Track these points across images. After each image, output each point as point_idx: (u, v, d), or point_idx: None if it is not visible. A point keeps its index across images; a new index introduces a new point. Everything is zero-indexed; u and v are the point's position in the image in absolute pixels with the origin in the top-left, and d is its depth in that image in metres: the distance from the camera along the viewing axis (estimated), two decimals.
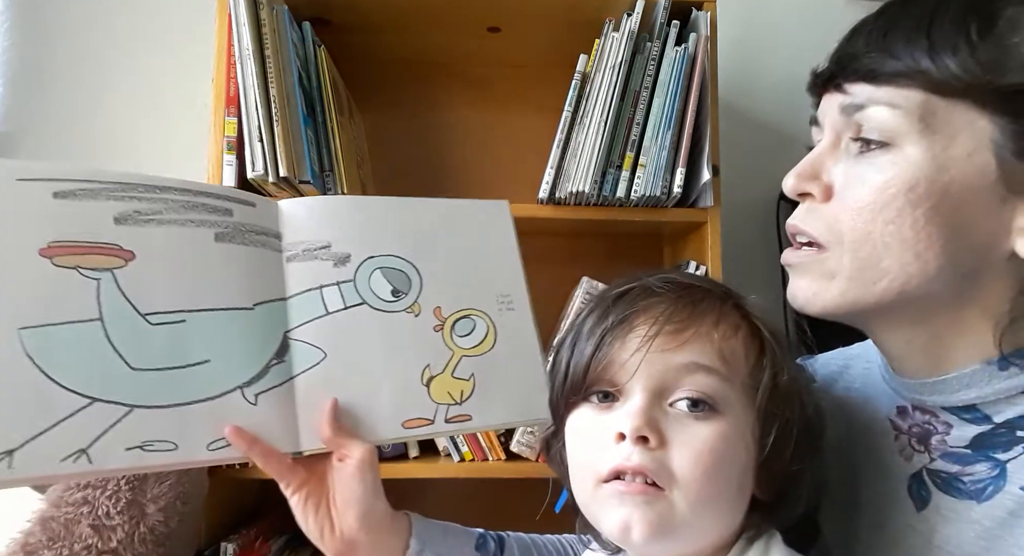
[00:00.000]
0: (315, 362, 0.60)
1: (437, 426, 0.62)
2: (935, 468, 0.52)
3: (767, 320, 0.52)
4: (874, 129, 0.47)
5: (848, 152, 0.50)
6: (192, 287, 0.58)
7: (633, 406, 0.48)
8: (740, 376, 0.49)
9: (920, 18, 0.46)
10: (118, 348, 0.54)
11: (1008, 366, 0.48)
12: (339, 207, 0.68)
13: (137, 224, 0.57)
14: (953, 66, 0.44)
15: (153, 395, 0.54)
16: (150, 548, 0.75)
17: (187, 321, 0.57)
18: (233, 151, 0.86)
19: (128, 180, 0.58)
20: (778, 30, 1.23)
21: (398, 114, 1.17)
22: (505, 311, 0.68)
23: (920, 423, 0.54)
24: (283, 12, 0.85)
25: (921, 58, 0.45)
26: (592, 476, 0.49)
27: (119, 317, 0.55)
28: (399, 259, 0.67)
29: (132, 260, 0.56)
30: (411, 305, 0.65)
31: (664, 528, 0.46)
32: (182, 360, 0.56)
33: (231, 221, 0.61)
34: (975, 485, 0.49)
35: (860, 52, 0.48)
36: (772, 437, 0.48)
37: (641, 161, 0.90)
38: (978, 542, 0.47)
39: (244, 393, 0.57)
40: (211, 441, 0.55)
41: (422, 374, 0.63)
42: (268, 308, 0.61)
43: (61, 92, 1.13)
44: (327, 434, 0.57)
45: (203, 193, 0.61)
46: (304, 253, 0.64)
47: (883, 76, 0.47)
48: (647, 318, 0.50)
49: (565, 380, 0.54)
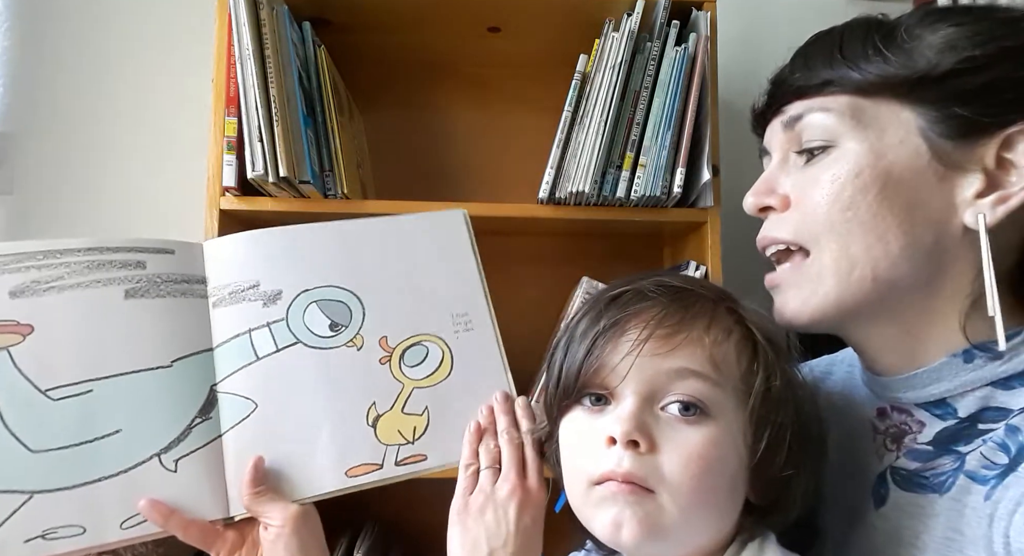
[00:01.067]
0: (245, 415, 0.56)
1: (386, 471, 0.57)
2: (897, 466, 0.53)
3: (762, 324, 0.52)
4: (815, 135, 0.53)
5: (796, 165, 0.55)
6: (99, 353, 0.54)
7: (624, 410, 0.48)
8: (732, 381, 0.49)
9: (831, 43, 0.53)
10: (14, 431, 0.51)
11: (973, 358, 0.49)
12: (268, 240, 0.63)
13: (36, 294, 0.54)
14: (868, 68, 0.50)
15: (56, 477, 0.50)
16: (150, 548, 0.75)
17: (94, 390, 0.53)
18: (233, 151, 0.86)
19: (24, 249, 0.55)
20: (778, 30, 1.22)
21: (398, 114, 1.17)
22: (463, 332, 0.63)
23: (897, 423, 0.55)
24: (283, 12, 0.85)
25: (839, 68, 0.51)
26: (584, 479, 0.49)
27: (15, 398, 0.51)
28: (337, 289, 0.62)
29: (30, 334, 0.53)
30: (352, 338, 0.60)
31: (654, 529, 0.46)
32: (89, 434, 0.52)
33: (144, 274, 0.57)
34: (937, 478, 0.50)
35: (787, 78, 0.55)
36: (764, 442, 0.48)
37: (641, 161, 0.90)
38: (947, 532, 0.48)
39: (161, 460, 0.53)
40: (125, 519, 0.52)
41: (367, 414, 0.58)
42: (191, 362, 0.57)
43: (61, 92, 1.13)
44: (245, 501, 0.55)
45: (111, 249, 0.57)
46: (231, 296, 0.60)
47: (812, 88, 0.53)
48: (639, 322, 0.50)
49: (558, 383, 0.54)
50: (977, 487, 0.47)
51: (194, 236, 0.68)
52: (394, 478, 0.59)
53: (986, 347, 0.49)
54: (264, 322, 0.60)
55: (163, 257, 0.59)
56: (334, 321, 0.61)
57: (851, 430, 0.59)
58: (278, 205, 0.89)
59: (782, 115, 0.55)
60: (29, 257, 0.55)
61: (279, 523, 0.54)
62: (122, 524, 0.52)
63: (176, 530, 0.53)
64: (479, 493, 0.56)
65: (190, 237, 0.64)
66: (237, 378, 0.58)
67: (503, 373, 0.62)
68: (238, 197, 0.89)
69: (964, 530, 0.46)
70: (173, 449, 0.54)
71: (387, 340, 0.61)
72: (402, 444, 0.58)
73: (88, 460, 0.52)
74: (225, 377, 0.58)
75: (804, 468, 0.50)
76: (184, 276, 0.59)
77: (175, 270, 0.59)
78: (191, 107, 1.12)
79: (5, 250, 0.55)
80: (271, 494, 0.55)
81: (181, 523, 0.53)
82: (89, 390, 0.54)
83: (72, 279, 0.55)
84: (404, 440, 0.58)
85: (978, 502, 0.46)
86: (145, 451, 0.54)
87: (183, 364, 0.57)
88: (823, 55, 0.53)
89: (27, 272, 0.54)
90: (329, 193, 0.90)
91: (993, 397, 0.49)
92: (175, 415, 0.55)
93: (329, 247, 0.64)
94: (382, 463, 0.58)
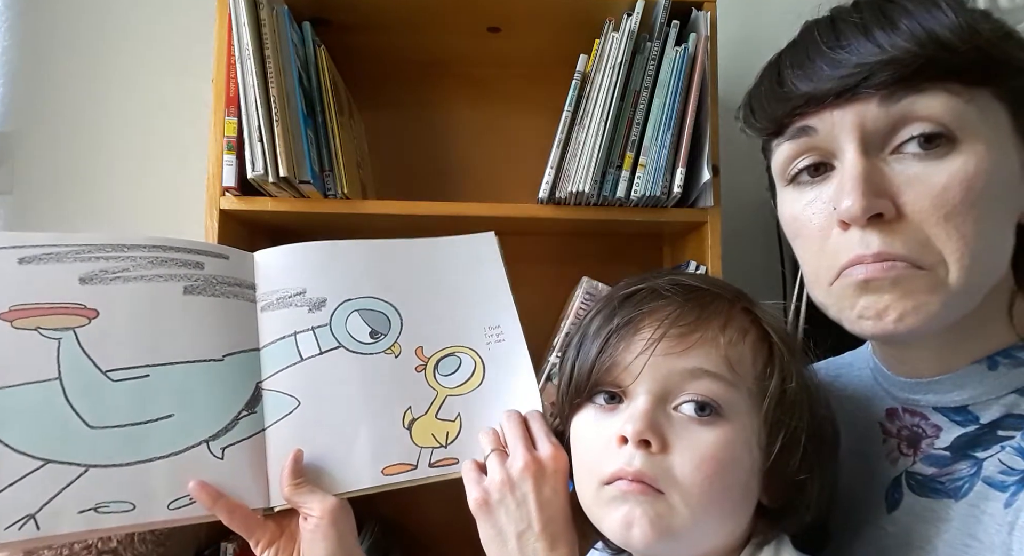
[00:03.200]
0: (288, 411, 0.59)
1: (420, 471, 0.60)
2: (913, 471, 0.52)
3: (778, 325, 0.52)
4: (934, 125, 0.45)
5: (895, 161, 0.46)
6: (157, 341, 0.57)
7: (636, 409, 0.48)
8: (747, 382, 0.49)
9: (942, 18, 0.44)
10: (76, 407, 0.53)
11: (997, 365, 0.48)
12: (315, 253, 0.67)
13: (102, 283, 0.57)
14: (996, 55, 0.44)
15: (111, 454, 0.53)
16: (150, 548, 0.75)
17: (151, 376, 0.56)
18: (233, 151, 0.86)
19: (95, 241, 0.58)
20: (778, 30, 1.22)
21: (398, 114, 1.17)
22: (495, 344, 0.66)
23: (909, 425, 0.54)
24: (283, 12, 0.85)
25: (961, 48, 0.44)
26: (595, 478, 0.49)
27: (79, 375, 0.54)
28: (377, 300, 0.65)
29: (95, 318, 0.56)
30: (391, 346, 0.63)
31: (665, 530, 0.46)
32: (144, 416, 0.55)
33: (201, 274, 0.61)
34: (953, 483, 0.49)
35: (878, 56, 0.45)
36: (778, 445, 0.48)
37: (641, 161, 0.90)
38: (963, 538, 0.47)
39: (210, 446, 0.56)
40: (173, 499, 0.53)
41: (403, 417, 0.61)
42: (239, 359, 0.60)
43: (61, 92, 1.13)
44: (285, 491, 0.55)
45: (173, 248, 0.61)
46: (278, 301, 0.63)
47: (924, 67, 0.44)
48: (653, 321, 0.50)
49: (570, 381, 0.54)
50: (996, 494, 0.46)
51: (194, 236, 0.69)
52: (426, 479, 0.61)
53: (1009, 354, 0.48)
54: (309, 326, 0.63)
55: (219, 261, 0.63)
56: (374, 329, 0.64)
57: (860, 431, 0.58)
58: (278, 205, 0.89)
59: (875, 94, 0.45)
60: (99, 248, 0.58)
61: (318, 513, 0.55)
62: (169, 505, 0.53)
63: (222, 513, 0.54)
64: (491, 479, 0.55)
65: (190, 237, 0.65)
66: (282, 377, 0.60)
67: (532, 383, 0.64)
68: (238, 197, 0.88)
69: (981, 536, 0.46)
70: (221, 437, 0.57)
71: (423, 350, 0.64)
72: (435, 447, 0.61)
73: (141, 440, 0.54)
74: (270, 375, 0.60)
75: (818, 471, 0.50)
76: (237, 280, 0.63)
77: (229, 273, 0.63)
78: (191, 107, 1.12)
79: (78, 240, 0.58)
80: (310, 486, 0.56)
81: (227, 506, 0.54)
82: (146, 375, 0.56)
83: (136, 272, 0.59)
84: (438, 443, 0.61)
85: (997, 509, 0.46)
86: (195, 436, 0.56)
87: (233, 359, 0.60)
88: (932, 27, 0.44)
89: (96, 262, 0.58)
90: (329, 193, 0.90)
91: (1018, 405, 0.48)
92: (224, 406, 0.58)
93: (370, 262, 0.68)
94: (416, 463, 0.60)
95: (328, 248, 0.68)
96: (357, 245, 0.68)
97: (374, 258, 0.68)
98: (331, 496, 0.56)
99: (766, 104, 0.51)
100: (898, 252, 0.45)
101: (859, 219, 0.45)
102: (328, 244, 0.68)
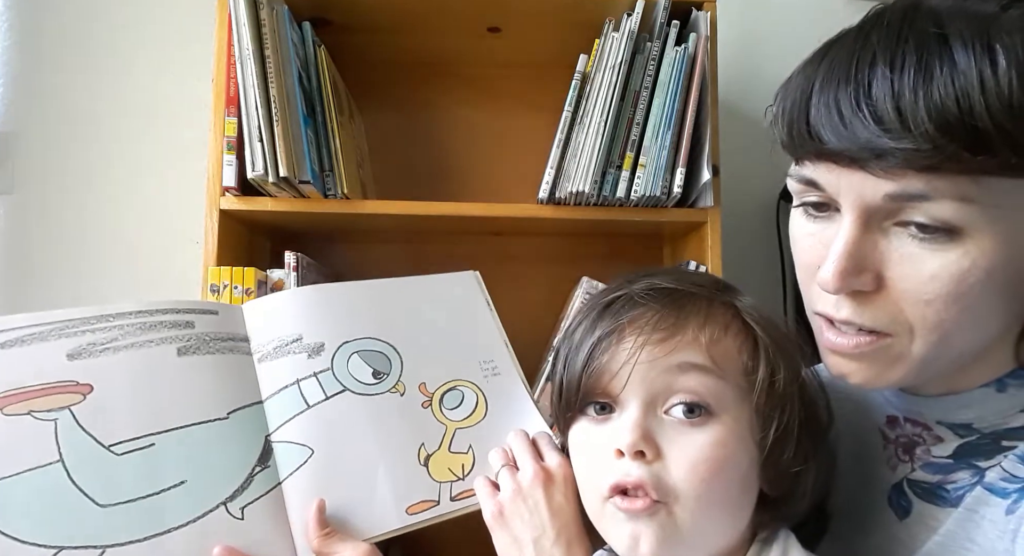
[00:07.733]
0: (302, 461, 0.58)
1: (443, 506, 0.59)
2: (915, 478, 0.52)
3: (761, 317, 0.51)
4: (938, 221, 0.41)
5: (893, 235, 0.44)
6: (158, 408, 0.56)
7: (628, 420, 0.48)
8: (735, 375, 0.49)
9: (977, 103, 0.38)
10: (83, 487, 0.51)
11: (1006, 387, 0.48)
12: (304, 298, 0.66)
13: (92, 356, 0.55)
14: None
15: (127, 531, 0.51)
16: None
17: (156, 444, 0.54)
18: (233, 151, 0.86)
19: (77, 315, 0.57)
20: (778, 30, 1.22)
21: (398, 114, 1.17)
22: (491, 377, 0.66)
23: (909, 434, 0.54)
24: (283, 12, 0.85)
25: (995, 147, 0.38)
26: (596, 492, 0.49)
27: (81, 454, 0.52)
28: (375, 340, 0.65)
29: (90, 393, 0.54)
30: (395, 385, 0.63)
31: (671, 540, 0.46)
32: (156, 486, 0.53)
33: (193, 333, 0.60)
34: (956, 492, 0.49)
35: (893, 137, 0.40)
36: (772, 436, 0.48)
37: (641, 161, 0.90)
38: (963, 543, 0.47)
39: (228, 508, 0.54)
40: None
41: (418, 453, 0.60)
42: (245, 414, 0.58)
43: (61, 92, 1.13)
44: (315, 544, 0.55)
45: (160, 311, 0.60)
46: (275, 350, 0.62)
47: (946, 166, 0.39)
48: (633, 329, 0.50)
49: (560, 395, 0.54)
50: (995, 499, 0.46)
51: (194, 236, 0.68)
52: (451, 513, 0.60)
53: (1019, 375, 0.48)
54: (311, 372, 0.62)
55: (209, 317, 0.62)
56: (376, 369, 0.63)
57: (861, 436, 0.58)
58: (278, 205, 0.89)
59: (887, 182, 0.41)
60: (83, 322, 0.57)
61: None
62: None
63: None
64: (504, 491, 0.56)
65: (190, 237, 0.64)
66: (291, 427, 0.59)
67: (534, 411, 0.65)
68: (238, 197, 0.89)
69: (980, 541, 0.46)
70: (238, 497, 0.55)
71: (426, 386, 0.64)
72: (454, 481, 0.60)
73: (156, 512, 0.52)
74: (279, 426, 0.59)
75: (815, 458, 0.50)
76: (229, 334, 0.62)
77: (220, 329, 0.61)
78: (191, 107, 1.12)
79: (60, 316, 0.56)
80: (339, 535, 0.55)
81: None
82: (151, 444, 0.55)
83: (126, 340, 0.57)
84: (455, 477, 0.61)
85: (997, 515, 0.45)
86: (211, 500, 0.54)
87: (238, 416, 0.58)
88: (968, 90, 0.38)
89: (82, 336, 0.56)
90: (329, 193, 0.90)
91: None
92: (237, 464, 0.56)
93: (361, 303, 0.67)
94: (438, 499, 0.59)
95: (317, 292, 0.67)
96: (345, 287, 0.68)
97: (364, 299, 0.68)
98: (362, 543, 0.55)
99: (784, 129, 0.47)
100: (865, 324, 0.45)
101: (831, 292, 0.45)
102: (316, 288, 0.68)
